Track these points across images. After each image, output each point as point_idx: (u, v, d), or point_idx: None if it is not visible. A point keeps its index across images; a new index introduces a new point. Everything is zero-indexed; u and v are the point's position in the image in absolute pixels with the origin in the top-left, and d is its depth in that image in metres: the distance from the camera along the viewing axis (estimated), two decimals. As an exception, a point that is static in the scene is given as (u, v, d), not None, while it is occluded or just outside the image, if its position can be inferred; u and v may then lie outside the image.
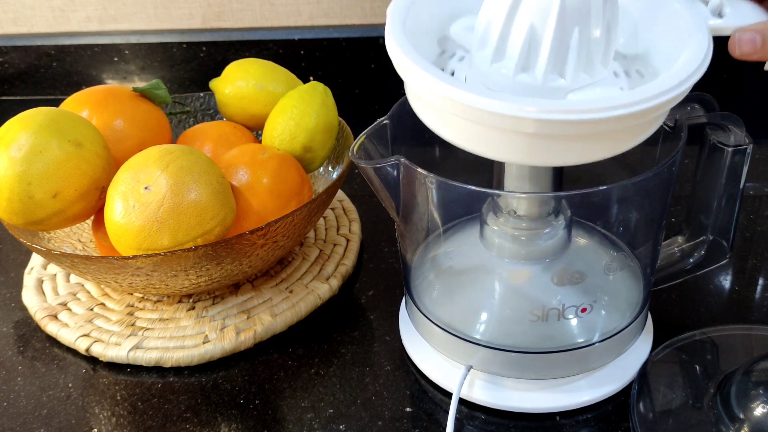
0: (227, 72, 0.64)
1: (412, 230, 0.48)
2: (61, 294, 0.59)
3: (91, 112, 0.56)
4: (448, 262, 0.52)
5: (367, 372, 0.50)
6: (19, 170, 0.48)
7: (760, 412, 0.41)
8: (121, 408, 0.49)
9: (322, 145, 0.59)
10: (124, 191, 0.48)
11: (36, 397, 0.50)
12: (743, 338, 0.50)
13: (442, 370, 0.48)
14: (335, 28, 0.88)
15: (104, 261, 0.48)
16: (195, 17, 0.90)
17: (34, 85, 0.96)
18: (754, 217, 0.63)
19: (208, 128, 0.61)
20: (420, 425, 0.46)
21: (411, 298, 0.49)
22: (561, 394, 0.46)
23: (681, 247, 0.51)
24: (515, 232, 0.45)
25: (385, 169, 0.43)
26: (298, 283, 0.58)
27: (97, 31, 0.92)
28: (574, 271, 0.46)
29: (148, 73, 0.93)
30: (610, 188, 0.41)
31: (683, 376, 0.47)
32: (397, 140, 0.47)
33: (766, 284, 0.56)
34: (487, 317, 0.47)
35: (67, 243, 0.59)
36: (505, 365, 0.45)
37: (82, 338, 0.53)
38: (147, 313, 0.56)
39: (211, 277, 0.52)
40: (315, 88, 0.59)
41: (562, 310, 0.44)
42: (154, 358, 0.52)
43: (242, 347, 0.53)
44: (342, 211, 0.67)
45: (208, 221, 0.48)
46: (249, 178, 0.53)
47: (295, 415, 0.47)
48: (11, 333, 0.56)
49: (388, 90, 0.90)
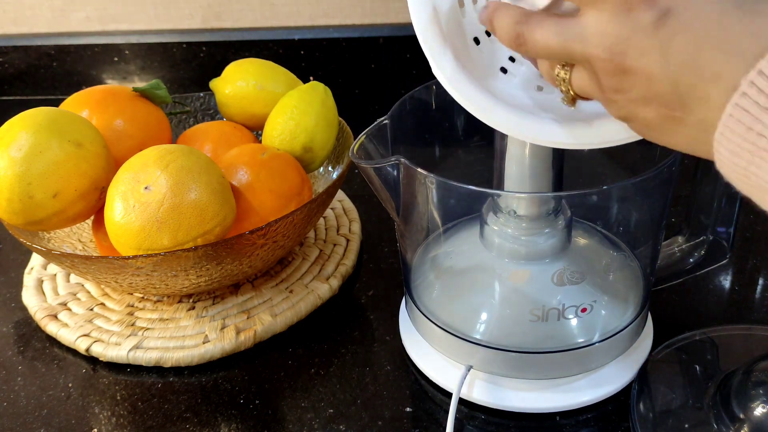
0: (227, 72, 0.64)
1: (412, 230, 0.48)
2: (61, 294, 0.59)
3: (91, 112, 0.56)
4: (448, 262, 0.52)
5: (367, 372, 0.50)
6: (19, 170, 0.48)
7: (760, 412, 0.41)
8: (121, 408, 0.49)
9: (322, 145, 0.59)
10: (124, 191, 0.48)
11: (36, 397, 0.50)
12: (743, 338, 0.50)
13: (442, 370, 0.48)
14: (335, 28, 0.88)
15: (104, 261, 0.48)
16: (195, 17, 0.90)
17: (34, 85, 0.96)
18: (754, 217, 0.63)
19: (208, 128, 0.61)
20: (420, 425, 0.46)
21: (411, 298, 0.49)
22: (561, 394, 0.46)
23: (681, 247, 0.51)
24: (515, 232, 0.45)
25: (385, 169, 0.43)
26: (298, 283, 0.58)
27: (97, 31, 0.93)
28: (574, 271, 0.45)
29: (148, 73, 0.93)
30: (610, 188, 0.41)
31: (683, 376, 0.47)
32: (397, 140, 0.47)
33: (766, 284, 0.56)
34: (487, 317, 0.47)
35: (67, 243, 0.59)
36: (505, 365, 0.45)
37: (82, 338, 0.53)
38: (147, 313, 0.56)
39: (211, 277, 0.52)
40: (315, 88, 0.59)
41: (562, 310, 0.44)
42: (154, 358, 0.52)
43: (242, 347, 0.53)
44: (342, 211, 0.67)
45: (208, 221, 0.48)
46: (249, 178, 0.53)
47: (295, 415, 0.47)
48: (11, 333, 0.56)
49: (388, 90, 0.90)
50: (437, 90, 0.49)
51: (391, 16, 0.87)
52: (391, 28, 0.86)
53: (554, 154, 0.42)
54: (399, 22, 0.86)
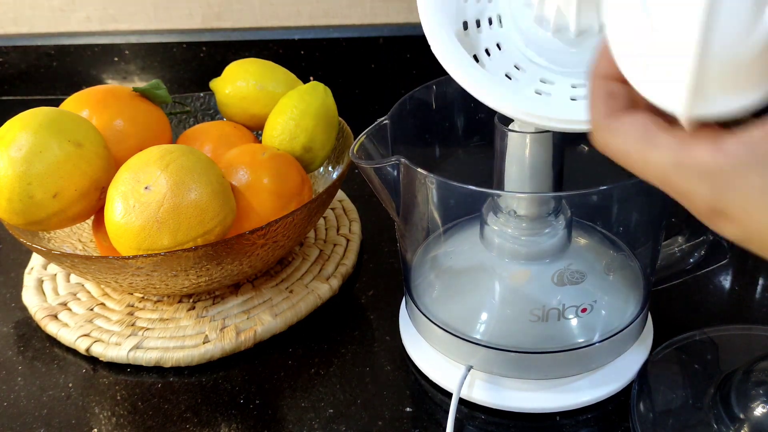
0: (227, 72, 0.64)
1: (412, 230, 0.48)
2: (61, 294, 0.59)
3: (91, 112, 0.56)
4: (448, 262, 0.52)
5: (367, 372, 0.50)
6: (19, 170, 0.48)
7: (760, 412, 0.41)
8: (121, 408, 0.49)
9: (322, 145, 0.59)
10: (124, 191, 0.48)
11: (36, 397, 0.50)
12: (743, 338, 0.50)
13: (442, 370, 0.48)
14: (335, 28, 0.88)
15: (104, 261, 0.48)
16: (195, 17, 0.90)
17: (34, 85, 0.96)
18: (754, 217, 0.63)
19: (208, 128, 0.61)
20: (420, 425, 0.46)
21: (411, 298, 0.49)
22: (561, 394, 0.46)
23: (681, 247, 0.51)
24: (515, 232, 0.45)
25: (385, 169, 0.43)
26: (299, 283, 0.58)
27: (97, 31, 0.93)
28: (574, 271, 0.45)
29: (148, 73, 0.93)
30: (610, 188, 0.41)
31: (683, 376, 0.47)
32: (397, 140, 0.47)
33: (766, 284, 0.56)
34: (487, 317, 0.47)
35: (67, 243, 0.59)
36: (505, 365, 0.45)
37: (82, 338, 0.53)
38: (147, 313, 0.56)
39: (211, 277, 0.52)
40: (315, 88, 0.59)
41: (562, 310, 0.44)
42: (154, 358, 0.52)
43: (242, 347, 0.53)
44: (342, 211, 0.67)
45: (208, 221, 0.48)
46: (249, 178, 0.53)
47: (295, 415, 0.47)
48: (11, 333, 0.56)
49: (388, 90, 0.90)
50: (437, 90, 0.49)
51: (391, 16, 0.87)
52: (391, 28, 0.86)
53: (554, 154, 0.42)
54: (399, 22, 0.86)
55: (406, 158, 0.42)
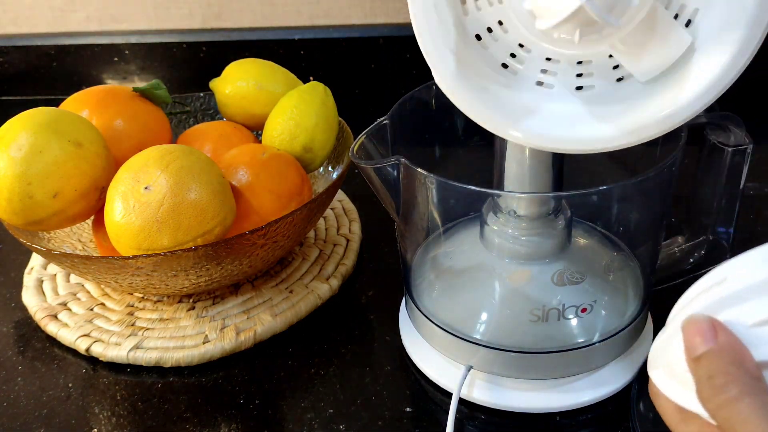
0: (227, 72, 0.64)
1: (412, 230, 0.48)
2: (61, 294, 0.59)
3: (91, 112, 0.56)
4: (448, 262, 0.52)
5: (367, 372, 0.50)
6: (19, 170, 0.48)
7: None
8: (121, 408, 0.49)
9: (322, 145, 0.59)
10: (124, 191, 0.48)
11: (36, 397, 0.50)
12: (743, 338, 0.50)
13: (442, 370, 0.48)
14: (335, 28, 0.88)
15: (104, 261, 0.48)
16: (195, 17, 0.90)
17: (34, 85, 0.96)
18: (754, 217, 0.63)
19: (208, 128, 0.61)
20: (420, 425, 0.46)
21: (411, 298, 0.49)
22: (561, 394, 0.46)
23: (681, 247, 0.51)
24: (515, 232, 0.45)
25: (385, 169, 0.43)
26: (298, 283, 0.58)
27: (97, 31, 0.93)
28: (574, 271, 0.45)
29: (148, 73, 0.93)
30: (610, 188, 0.41)
31: (683, 376, 0.47)
32: (397, 140, 0.47)
33: (766, 284, 0.56)
34: (487, 317, 0.47)
35: (67, 243, 0.59)
36: (505, 365, 0.45)
37: (82, 338, 0.53)
38: (147, 313, 0.56)
39: (211, 277, 0.52)
40: (315, 88, 0.59)
41: (562, 310, 0.44)
42: (154, 358, 0.52)
43: (242, 347, 0.53)
44: (342, 211, 0.67)
45: (208, 221, 0.48)
46: (249, 178, 0.53)
47: (295, 415, 0.47)
48: (11, 333, 0.56)
49: (388, 90, 0.90)
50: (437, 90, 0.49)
51: (391, 16, 0.87)
52: (391, 28, 0.86)
53: (554, 154, 0.42)
54: (399, 22, 0.86)
55: (406, 158, 0.42)
